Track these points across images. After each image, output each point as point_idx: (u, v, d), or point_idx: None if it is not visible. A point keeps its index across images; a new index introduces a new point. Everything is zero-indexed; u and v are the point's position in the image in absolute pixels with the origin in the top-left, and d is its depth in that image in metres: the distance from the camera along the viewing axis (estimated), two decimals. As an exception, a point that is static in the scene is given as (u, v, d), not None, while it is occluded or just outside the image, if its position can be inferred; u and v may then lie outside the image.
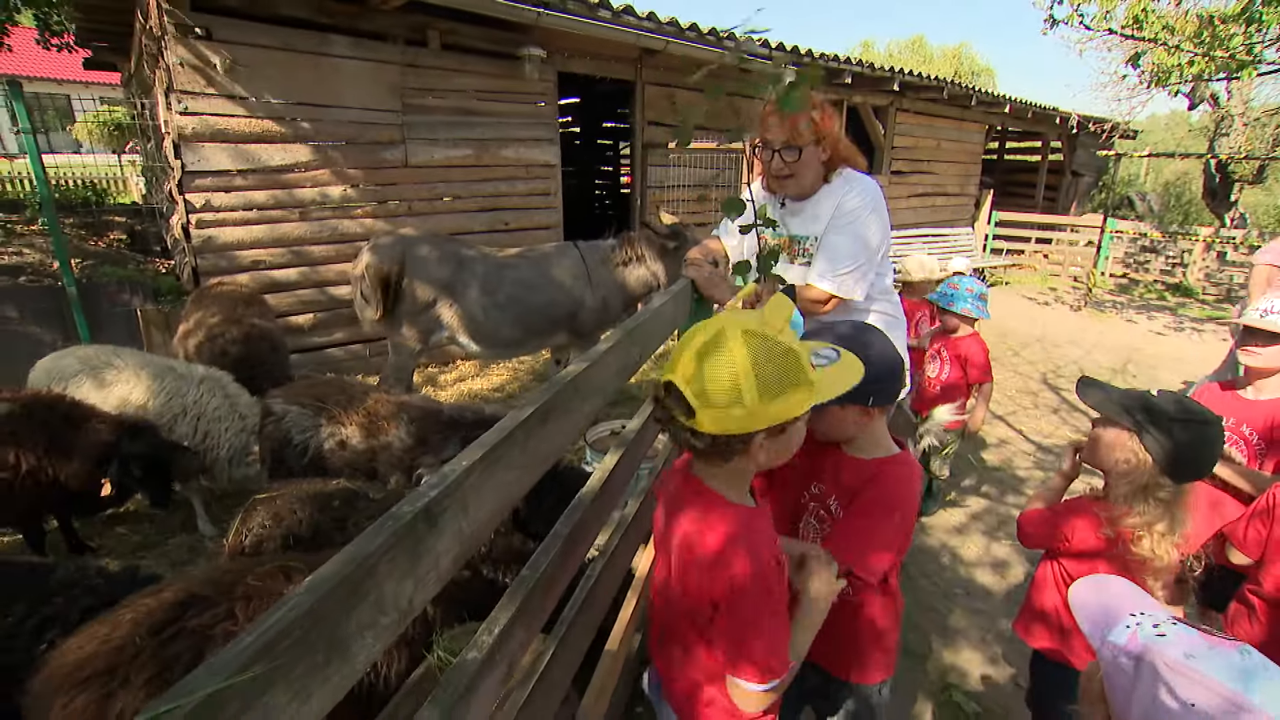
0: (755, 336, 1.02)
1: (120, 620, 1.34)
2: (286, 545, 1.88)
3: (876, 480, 1.40)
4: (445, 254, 3.91)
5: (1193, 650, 0.78)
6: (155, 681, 1.28)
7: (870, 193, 2.17)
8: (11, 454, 2.43)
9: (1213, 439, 1.54)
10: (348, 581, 0.71)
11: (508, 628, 1.10)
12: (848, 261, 2.14)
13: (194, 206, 4.43)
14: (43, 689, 1.27)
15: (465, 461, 0.92)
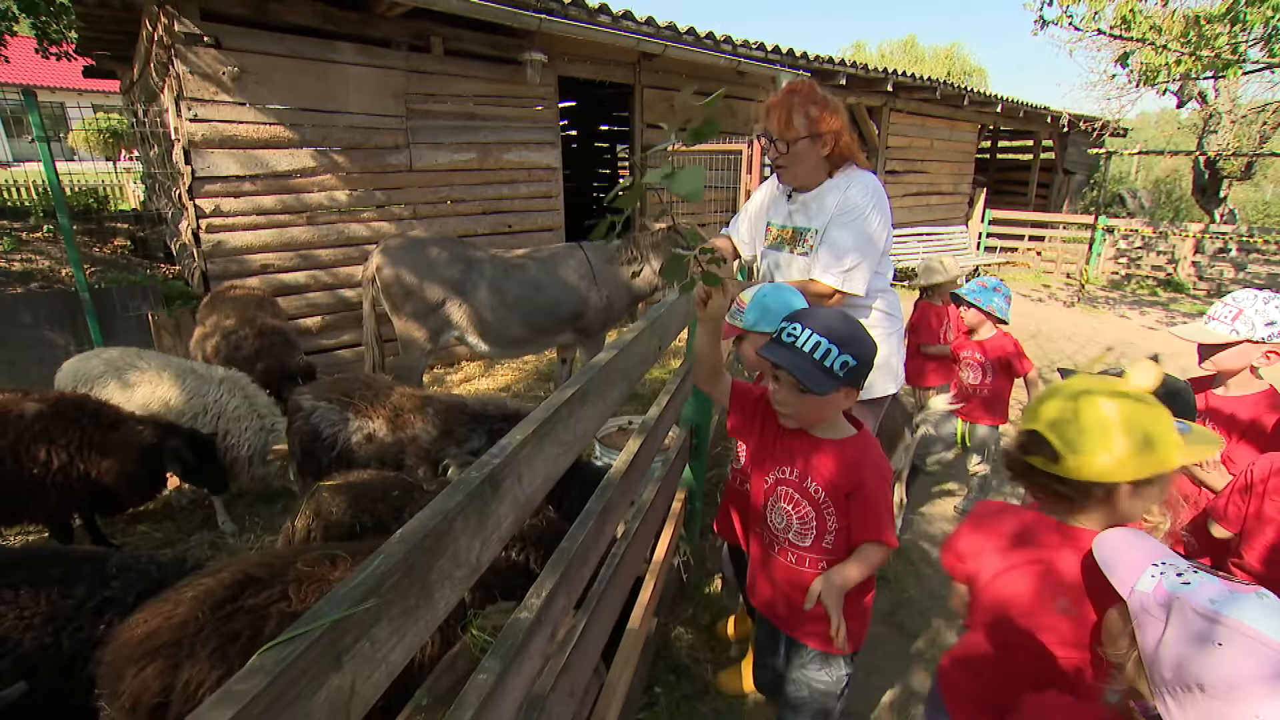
0: (1124, 395, 1.14)
1: (182, 598, 1.43)
2: (351, 532, 1.97)
3: (864, 460, 1.53)
4: (454, 255, 4.00)
5: (1216, 596, 0.85)
6: (217, 654, 1.37)
7: (873, 189, 2.24)
8: (43, 451, 2.51)
9: (1191, 403, 1.69)
10: (432, 534, 0.80)
11: (553, 592, 1.20)
12: (851, 256, 2.21)
13: (204, 211, 4.51)
14: (115, 658, 1.35)
15: (519, 435, 1.02)
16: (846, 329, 1.44)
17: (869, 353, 1.45)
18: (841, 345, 1.40)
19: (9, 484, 2.47)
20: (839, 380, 1.41)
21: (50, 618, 1.63)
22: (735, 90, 7.78)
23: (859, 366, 1.43)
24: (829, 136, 2.18)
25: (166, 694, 1.33)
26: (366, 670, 0.70)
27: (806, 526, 1.60)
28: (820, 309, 1.53)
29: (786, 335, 1.45)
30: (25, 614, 1.62)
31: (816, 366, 1.40)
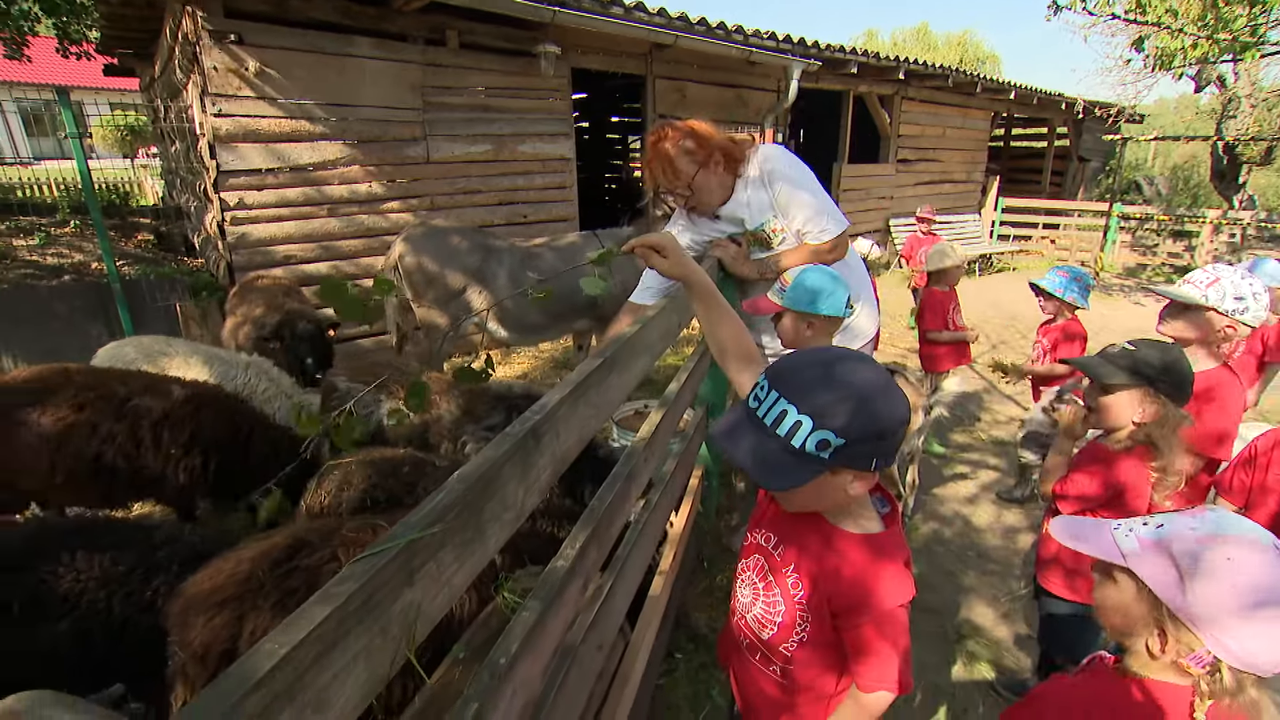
0: None
1: (241, 558, 1.54)
2: (362, 507, 2.07)
3: (876, 576, 1.10)
4: (474, 244, 4.10)
5: (1189, 523, 0.95)
6: (278, 607, 1.48)
7: (774, 153, 2.35)
8: (188, 432, 2.59)
9: (1187, 362, 1.76)
10: (484, 478, 0.89)
11: (585, 545, 1.29)
12: (819, 206, 2.32)
13: (228, 205, 4.64)
14: (185, 609, 1.47)
15: (557, 395, 1.11)
16: (841, 387, 1.00)
17: (875, 421, 0.99)
18: (823, 415, 0.97)
19: (148, 460, 2.55)
20: (819, 463, 0.99)
21: (104, 582, 1.74)
22: (747, 80, 7.82)
23: (858, 443, 0.98)
24: (715, 155, 2.28)
25: (234, 641, 1.44)
26: (433, 590, 0.79)
27: (769, 617, 1.22)
28: (812, 355, 1.09)
29: (753, 400, 1.06)
30: (81, 578, 1.73)
31: (783, 449, 0.99)
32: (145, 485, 2.64)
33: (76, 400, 2.50)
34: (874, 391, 1.00)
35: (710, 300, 1.37)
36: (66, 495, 2.60)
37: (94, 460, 2.49)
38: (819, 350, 1.12)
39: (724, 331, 1.37)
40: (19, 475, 2.49)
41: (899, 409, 1.01)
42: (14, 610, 1.66)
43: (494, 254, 4.13)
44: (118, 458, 2.51)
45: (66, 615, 1.70)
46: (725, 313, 1.38)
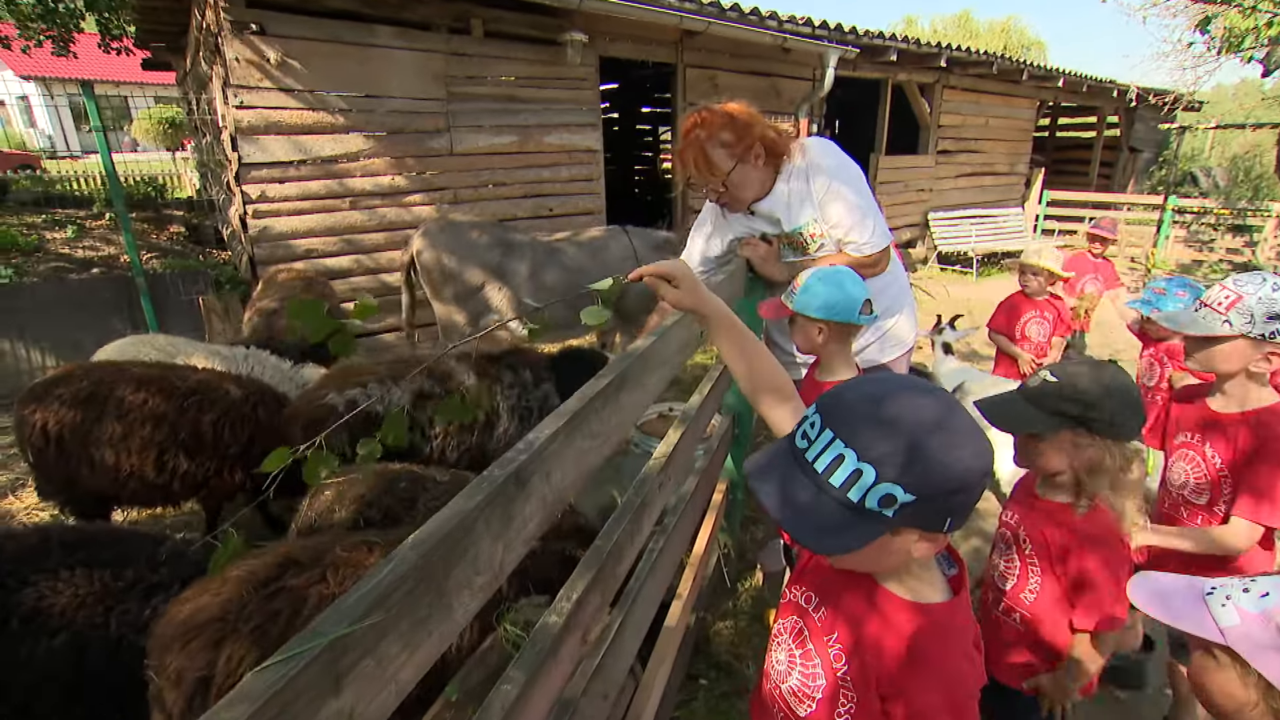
0: None
1: (229, 576, 1.41)
2: (355, 525, 1.94)
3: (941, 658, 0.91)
4: (494, 239, 3.97)
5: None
6: (258, 632, 1.35)
7: (824, 148, 2.15)
8: (248, 433, 2.58)
9: (1127, 384, 1.37)
10: (449, 538, 0.72)
11: (584, 595, 1.12)
12: (864, 213, 2.11)
13: (250, 197, 4.57)
14: (164, 631, 1.35)
15: (548, 429, 0.93)
16: (912, 428, 0.79)
17: (955, 472, 0.78)
18: (889, 462, 0.77)
19: (207, 458, 2.57)
20: (879, 522, 0.79)
21: (101, 597, 1.64)
22: (780, 68, 7.54)
23: (932, 499, 0.79)
24: (755, 148, 2.06)
25: (210, 668, 1.32)
26: (371, 691, 0.63)
27: (807, 691, 1.02)
28: (876, 385, 0.86)
29: (800, 438, 0.86)
30: (80, 592, 1.63)
31: (836, 503, 0.80)
32: (203, 483, 2.65)
33: (140, 395, 2.51)
34: (954, 434, 0.80)
35: (732, 333, 1.18)
36: (132, 494, 2.62)
37: (158, 457, 2.52)
38: (884, 379, 0.88)
39: (751, 366, 1.18)
40: (89, 474, 2.52)
41: (983, 456, 0.81)
42: (12, 625, 1.56)
43: (514, 250, 3.99)
44: (180, 455, 2.54)
45: (62, 629, 1.60)
46: (751, 345, 1.19)
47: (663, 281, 1.15)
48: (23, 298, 4.46)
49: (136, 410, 2.52)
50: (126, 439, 2.50)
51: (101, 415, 2.50)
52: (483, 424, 2.79)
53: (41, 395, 2.52)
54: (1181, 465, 1.87)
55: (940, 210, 10.39)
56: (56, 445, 2.51)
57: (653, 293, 1.19)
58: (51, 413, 2.49)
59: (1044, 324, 3.49)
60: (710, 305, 1.16)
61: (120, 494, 2.66)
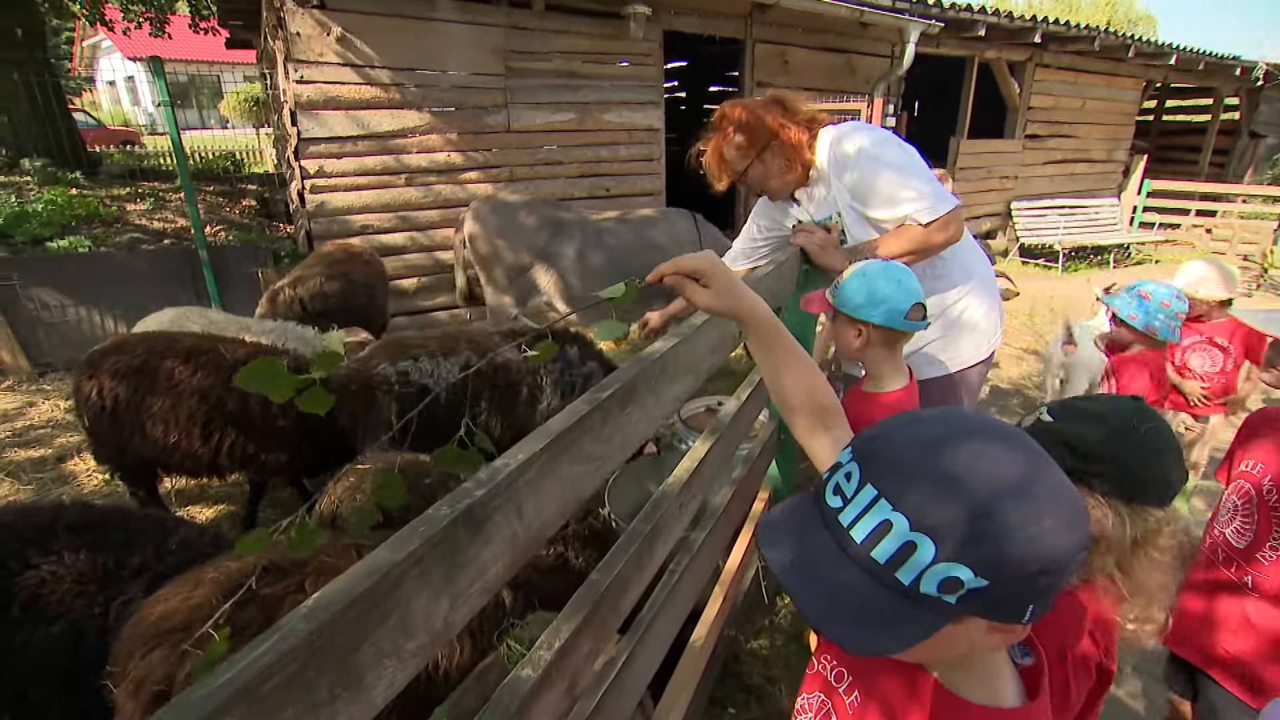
0: None
1: (203, 579, 1.33)
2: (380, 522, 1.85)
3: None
4: (542, 219, 3.83)
5: None
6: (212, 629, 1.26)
7: (849, 126, 1.99)
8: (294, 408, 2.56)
9: (1150, 427, 0.98)
10: (363, 600, 0.57)
11: (570, 641, 0.96)
12: (908, 183, 1.89)
13: (308, 172, 4.59)
14: (129, 636, 1.28)
15: (522, 454, 0.77)
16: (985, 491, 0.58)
17: (1043, 549, 0.57)
18: (954, 536, 0.57)
19: (255, 431, 2.59)
20: (938, 611, 0.59)
21: (103, 585, 1.59)
22: (857, 44, 7.09)
23: (1011, 585, 0.57)
24: (772, 147, 1.98)
25: (170, 682, 1.22)
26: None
27: None
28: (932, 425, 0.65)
29: (830, 493, 0.65)
30: (82, 579, 1.58)
31: (880, 585, 0.60)
32: (251, 457, 2.65)
33: (190, 365, 2.53)
34: (1041, 499, 0.58)
35: (772, 339, 0.97)
36: (179, 463, 2.65)
37: (204, 429, 2.54)
38: (945, 417, 0.65)
39: (789, 379, 0.97)
40: (140, 442, 2.56)
41: (1079, 527, 0.59)
42: (13, 610, 1.53)
43: (562, 230, 3.85)
44: (226, 428, 2.55)
45: (61, 617, 1.56)
46: (791, 355, 0.98)
47: (689, 282, 0.96)
48: (99, 266, 4.63)
49: (185, 382, 2.54)
50: (175, 410, 2.53)
51: (152, 386, 2.53)
52: (525, 399, 2.74)
53: (97, 364, 2.57)
54: (1233, 499, 1.57)
55: (1025, 199, 9.67)
56: (110, 413, 2.56)
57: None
58: (105, 381, 2.54)
59: (1210, 355, 2.92)
60: (749, 308, 0.95)
61: (168, 463, 2.70)
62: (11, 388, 4.33)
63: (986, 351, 2.18)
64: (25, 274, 4.44)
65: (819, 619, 0.62)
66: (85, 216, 5.26)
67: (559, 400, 2.83)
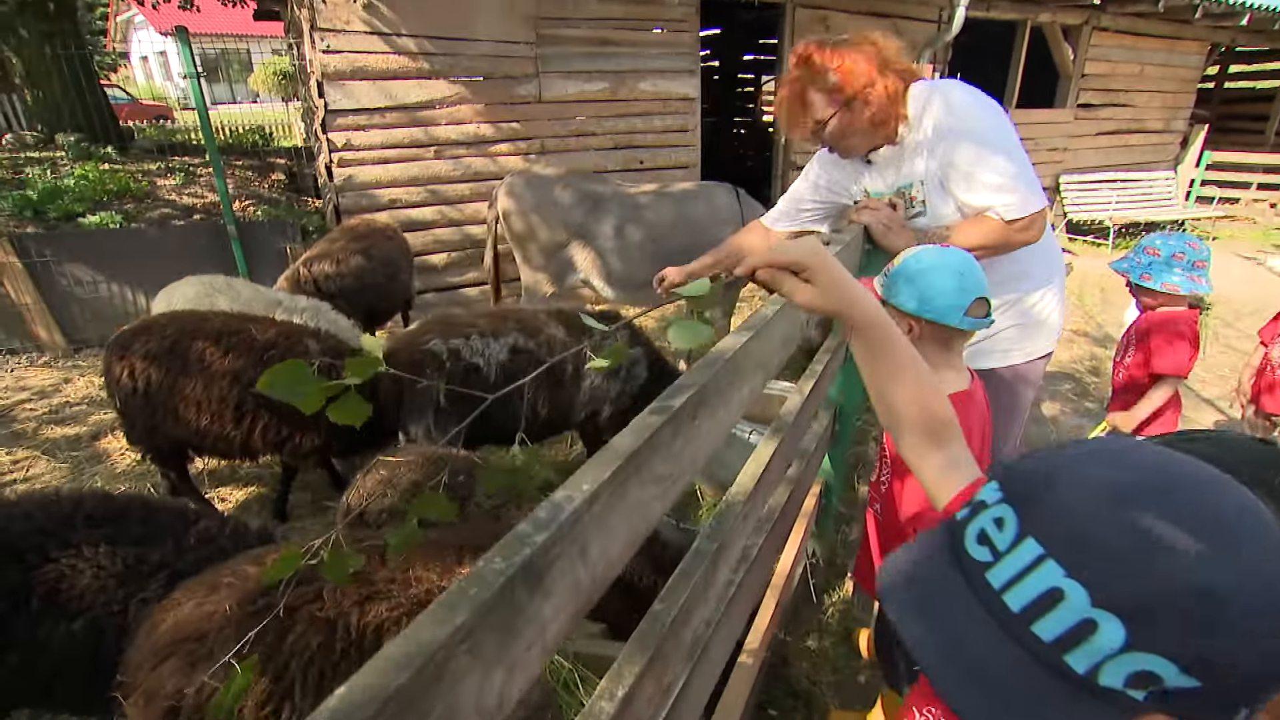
0: None
1: (218, 583, 1.23)
2: (400, 518, 1.74)
3: None
4: (579, 193, 3.67)
5: None
6: (235, 657, 1.15)
7: (951, 100, 1.73)
8: None
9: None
10: (398, 699, 0.44)
11: (635, 687, 0.83)
12: (1010, 171, 1.68)
13: (335, 145, 4.48)
14: (140, 645, 1.19)
15: (587, 484, 0.63)
16: (1200, 552, 0.43)
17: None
18: (1158, 620, 0.42)
19: (291, 412, 2.50)
20: (1123, 708, 0.45)
21: (122, 580, 1.51)
22: (902, 8, 6.73)
23: (1228, 684, 0.42)
24: (863, 95, 1.69)
25: (179, 697, 1.13)
26: None
27: None
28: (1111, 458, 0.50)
29: (974, 542, 0.52)
30: (101, 574, 1.50)
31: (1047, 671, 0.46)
32: (284, 440, 2.59)
33: (220, 346, 2.47)
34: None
35: (881, 344, 0.82)
36: (211, 445, 2.62)
37: (235, 412, 2.48)
38: (1129, 453, 0.51)
39: (900, 391, 0.82)
40: (172, 424, 2.52)
41: None
42: (32, 605, 1.46)
43: (600, 205, 3.68)
44: (258, 410, 2.49)
45: (82, 613, 1.48)
46: (902, 363, 0.82)
47: (787, 276, 0.80)
48: (129, 242, 4.60)
49: (216, 364, 2.47)
50: (206, 392, 2.47)
51: (183, 368, 2.47)
52: (570, 377, 2.68)
53: (127, 344, 2.52)
54: None
55: (1074, 172, 9.20)
56: (141, 395, 2.51)
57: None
58: (136, 363, 2.48)
59: None
60: (859, 307, 0.80)
61: (200, 445, 2.65)
62: (48, 363, 4.34)
63: (1054, 344, 2.03)
64: (59, 250, 4.42)
65: (962, 705, 0.48)
66: (117, 192, 5.22)
67: (603, 380, 2.76)
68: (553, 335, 2.68)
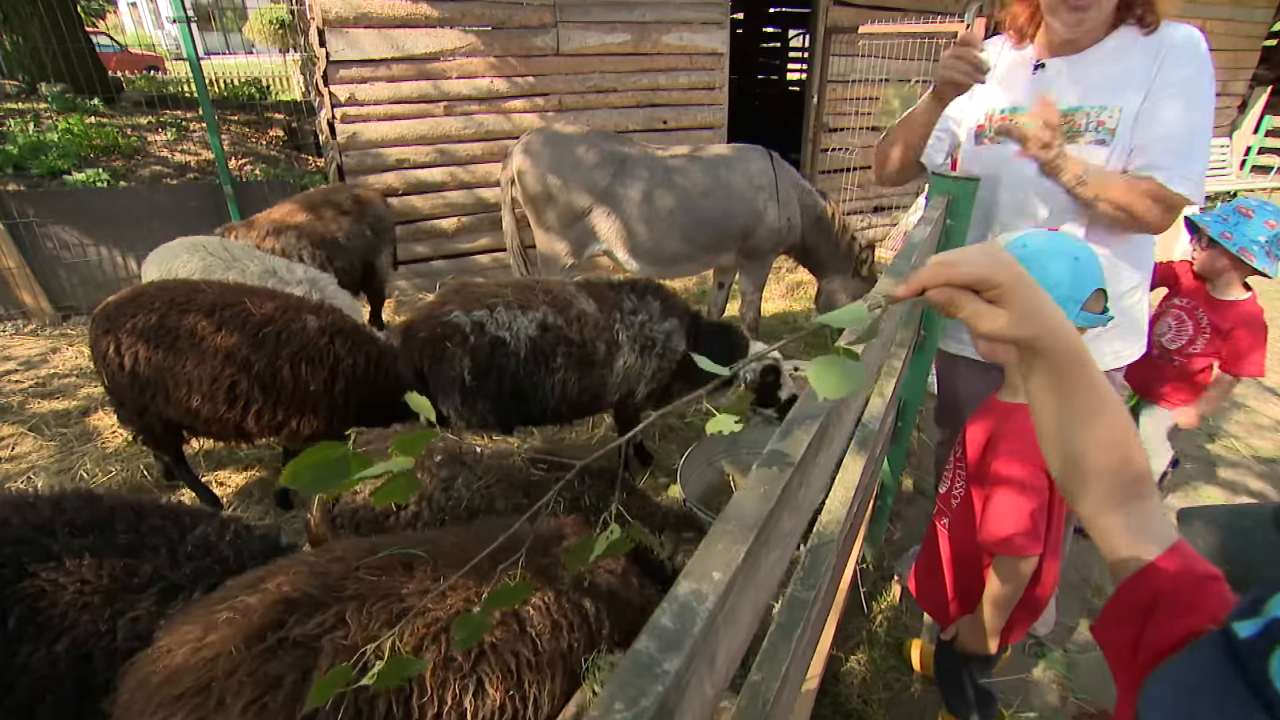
0: None
1: (214, 620, 1.09)
2: (380, 517, 1.67)
3: None
4: (605, 155, 3.46)
5: None
6: (254, 708, 1.02)
7: (1190, 37, 1.57)
8: (327, 368, 2.40)
9: None
10: None
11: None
12: (1196, 143, 1.54)
13: (338, 100, 4.27)
14: (131, 699, 1.05)
15: (718, 572, 0.47)
16: None
17: None
18: None
19: (285, 395, 2.41)
20: None
21: (110, 597, 1.38)
22: None
23: None
24: None
25: None
26: None
27: None
28: None
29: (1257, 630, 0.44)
30: (86, 589, 1.37)
31: None
32: (281, 423, 2.47)
33: (213, 321, 2.34)
34: None
35: (1075, 378, 0.65)
36: (205, 426, 2.50)
37: (229, 392, 2.36)
38: None
39: (1092, 434, 0.66)
40: (163, 403, 2.41)
41: None
42: (9, 624, 1.33)
43: (626, 167, 3.47)
44: (254, 390, 2.37)
45: (65, 633, 1.35)
46: (1101, 402, 0.66)
47: (969, 298, 0.62)
48: (118, 202, 4.43)
49: (209, 339, 2.33)
50: (197, 371, 2.35)
51: (173, 344, 2.34)
52: (603, 356, 2.57)
53: (113, 318, 2.38)
54: None
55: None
56: (129, 373, 2.38)
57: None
58: (122, 339, 2.35)
59: None
60: (1051, 333, 0.63)
61: (194, 425, 2.53)
62: (35, 331, 4.22)
63: (1140, 350, 1.87)
64: (43, 211, 4.26)
65: None
66: (104, 147, 5.03)
67: (637, 358, 2.64)
68: (583, 310, 2.55)
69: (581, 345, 2.51)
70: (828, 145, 6.39)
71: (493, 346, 2.41)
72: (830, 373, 0.55)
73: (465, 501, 1.70)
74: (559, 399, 2.56)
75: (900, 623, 2.35)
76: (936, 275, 0.62)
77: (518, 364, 2.45)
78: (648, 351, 2.66)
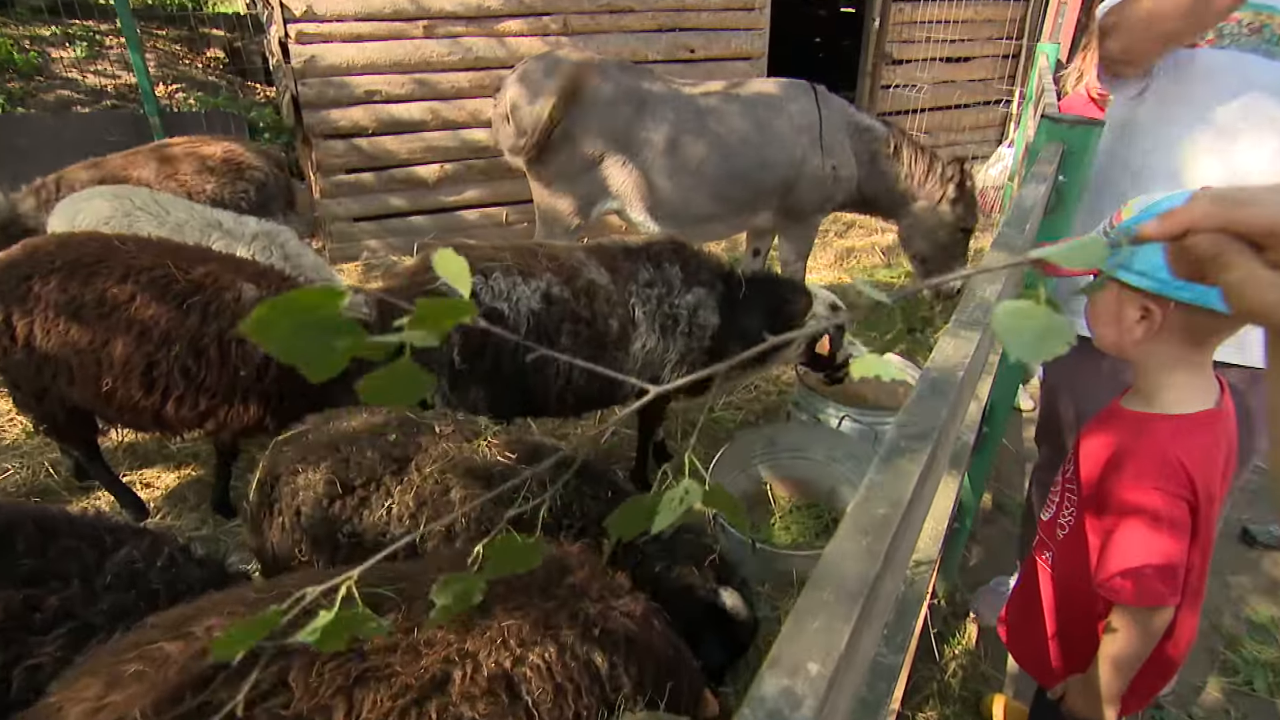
0: None
1: (120, 674, 1.06)
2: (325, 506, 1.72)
3: None
4: (621, 89, 3.43)
5: None
6: None
7: None
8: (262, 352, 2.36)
9: None
10: None
11: None
12: None
13: (292, 14, 4.23)
14: None
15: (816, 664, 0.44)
16: None
17: None
18: None
19: (211, 382, 2.39)
20: None
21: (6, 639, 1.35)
22: None
23: None
24: None
25: None
26: None
27: None
28: None
29: None
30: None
31: None
32: (207, 413, 2.46)
33: (129, 288, 2.30)
34: None
35: None
36: (117, 414, 2.51)
37: (145, 374, 2.34)
38: None
39: None
40: (66, 385, 2.40)
41: None
42: None
43: (648, 106, 3.44)
44: (174, 373, 2.35)
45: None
46: None
47: (1245, 254, 0.55)
48: (17, 132, 4.40)
49: (121, 309, 2.30)
50: (107, 346, 2.32)
51: (78, 315, 2.30)
52: (616, 337, 2.59)
53: (3, 281, 2.34)
54: None
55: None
56: (24, 348, 2.36)
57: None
58: (14, 308, 2.32)
59: None
60: None
61: (105, 412, 2.54)
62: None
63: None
64: (-73, 141, 4.25)
65: None
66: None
67: (656, 338, 2.64)
68: (593, 281, 2.54)
69: (590, 322, 2.51)
70: (890, 81, 6.30)
71: (488, 319, 2.36)
72: (1026, 326, 0.47)
73: (415, 488, 1.75)
74: (565, 385, 2.56)
75: (978, 672, 2.34)
76: (1213, 214, 0.55)
77: (517, 343, 2.43)
78: (669, 330, 2.64)
